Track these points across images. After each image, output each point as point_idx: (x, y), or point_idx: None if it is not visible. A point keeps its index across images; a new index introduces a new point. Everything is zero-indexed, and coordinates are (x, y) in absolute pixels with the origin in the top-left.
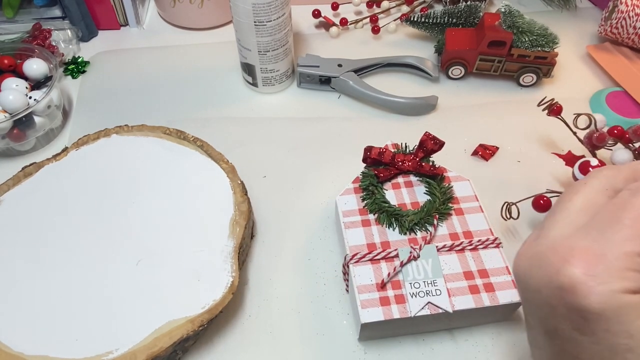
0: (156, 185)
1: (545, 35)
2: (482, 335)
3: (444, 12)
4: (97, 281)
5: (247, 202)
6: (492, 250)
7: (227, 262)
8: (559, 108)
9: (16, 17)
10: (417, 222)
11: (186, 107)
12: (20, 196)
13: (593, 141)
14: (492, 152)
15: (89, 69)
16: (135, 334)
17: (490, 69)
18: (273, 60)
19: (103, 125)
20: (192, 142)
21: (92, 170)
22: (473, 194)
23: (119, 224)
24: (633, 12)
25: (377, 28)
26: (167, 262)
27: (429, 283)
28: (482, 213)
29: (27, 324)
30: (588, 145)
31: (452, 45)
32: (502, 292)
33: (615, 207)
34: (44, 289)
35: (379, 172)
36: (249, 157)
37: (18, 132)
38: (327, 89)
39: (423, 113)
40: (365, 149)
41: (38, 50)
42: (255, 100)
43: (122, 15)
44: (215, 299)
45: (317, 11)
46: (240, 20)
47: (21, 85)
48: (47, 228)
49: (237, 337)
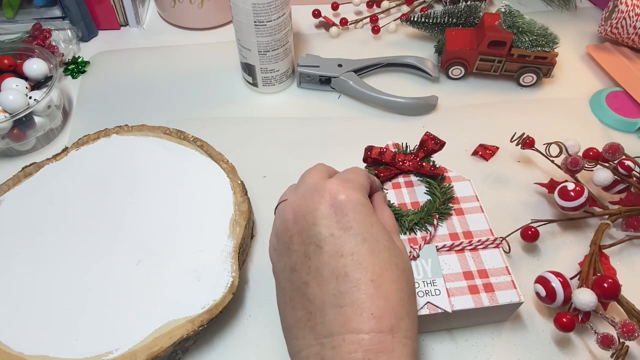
0: (156, 185)
1: (545, 35)
2: (481, 335)
3: (444, 12)
4: (97, 281)
5: (247, 202)
6: (492, 250)
7: (227, 262)
8: (532, 141)
9: (16, 17)
10: (417, 222)
11: (186, 107)
12: (20, 196)
13: (568, 166)
14: (492, 152)
15: (89, 69)
16: (135, 334)
17: (490, 69)
18: (273, 60)
19: (103, 125)
20: (192, 142)
21: (92, 170)
22: (474, 194)
23: (118, 223)
24: (633, 12)
25: (377, 28)
26: (167, 262)
27: (428, 283)
28: (483, 213)
29: (27, 324)
30: (565, 170)
31: (452, 45)
32: (502, 292)
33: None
34: (43, 289)
35: (379, 171)
36: (249, 157)
37: (18, 132)
38: (327, 89)
39: (423, 113)
40: (365, 149)
41: (38, 50)
42: (255, 100)
43: (122, 15)
44: (215, 299)
45: (317, 11)
46: (240, 20)
47: (21, 85)
48: (47, 228)
49: (237, 337)
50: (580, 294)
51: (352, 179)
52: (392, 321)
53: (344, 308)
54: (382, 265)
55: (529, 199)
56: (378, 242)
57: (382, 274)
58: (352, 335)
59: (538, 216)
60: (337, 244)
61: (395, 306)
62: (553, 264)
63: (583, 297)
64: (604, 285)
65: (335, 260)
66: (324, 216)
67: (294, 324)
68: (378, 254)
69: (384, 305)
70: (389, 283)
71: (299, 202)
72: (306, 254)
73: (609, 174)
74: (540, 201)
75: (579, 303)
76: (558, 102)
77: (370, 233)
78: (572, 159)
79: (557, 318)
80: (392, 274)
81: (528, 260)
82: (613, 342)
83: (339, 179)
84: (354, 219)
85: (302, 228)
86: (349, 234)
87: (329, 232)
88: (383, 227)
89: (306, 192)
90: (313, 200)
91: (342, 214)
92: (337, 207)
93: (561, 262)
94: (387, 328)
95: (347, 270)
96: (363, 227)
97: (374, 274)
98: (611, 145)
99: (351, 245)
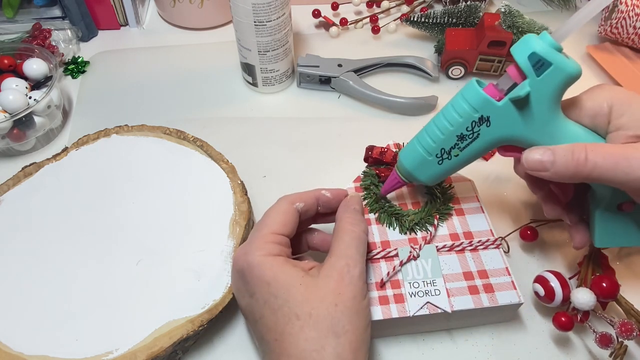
0: (156, 185)
1: None
2: (481, 335)
3: (444, 12)
4: (97, 281)
5: (247, 202)
6: (492, 251)
7: (227, 262)
8: None
9: (16, 17)
10: (417, 222)
11: (186, 107)
12: (20, 196)
13: None
14: (492, 152)
15: (89, 69)
16: (135, 334)
17: (490, 69)
18: (273, 60)
19: (103, 125)
20: (192, 142)
21: (92, 171)
22: (474, 194)
23: (118, 223)
24: (633, 12)
25: (377, 28)
26: (167, 262)
27: (428, 283)
28: (483, 214)
29: (27, 324)
30: None
31: (452, 45)
32: (502, 293)
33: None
34: (44, 289)
35: (380, 171)
36: (249, 157)
37: (18, 132)
38: (327, 89)
39: (423, 113)
40: (366, 149)
41: (38, 50)
42: (255, 100)
43: (122, 15)
44: (215, 299)
45: (317, 11)
46: (240, 20)
47: (21, 85)
48: (47, 228)
49: (237, 337)
50: (578, 293)
51: (255, 237)
52: None
53: None
54: (283, 321)
55: (528, 198)
56: (277, 299)
57: (283, 331)
58: None
59: (538, 215)
60: (252, 311)
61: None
62: (552, 264)
63: (582, 296)
64: (603, 285)
65: (254, 325)
66: (238, 289)
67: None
68: (277, 311)
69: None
70: (291, 337)
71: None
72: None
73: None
74: None
75: (577, 302)
76: None
77: (269, 292)
78: None
79: (556, 317)
80: (293, 327)
81: (527, 259)
82: (611, 341)
83: (243, 246)
84: (254, 284)
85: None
86: (255, 299)
87: (245, 302)
88: (285, 278)
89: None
90: (232, 274)
91: (245, 281)
92: (242, 277)
93: (560, 262)
94: None
95: (262, 334)
96: (261, 288)
97: (276, 332)
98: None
99: (258, 309)
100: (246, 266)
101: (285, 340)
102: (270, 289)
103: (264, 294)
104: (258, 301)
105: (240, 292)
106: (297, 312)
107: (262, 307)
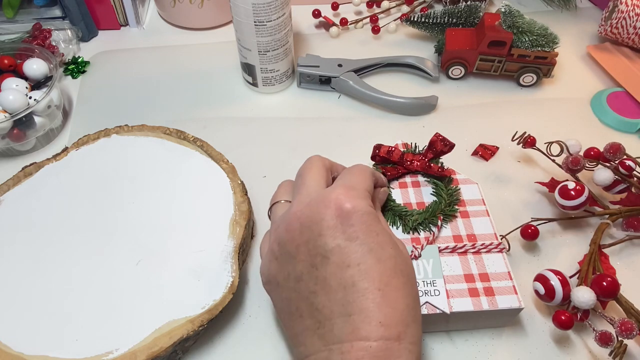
0: (156, 185)
1: (546, 35)
2: (482, 336)
3: (444, 12)
4: (97, 281)
5: (247, 202)
6: (495, 254)
7: (227, 262)
8: (533, 140)
9: (16, 17)
10: (421, 222)
11: (186, 107)
12: (20, 196)
13: (569, 165)
14: (492, 152)
15: (89, 69)
16: (135, 334)
17: (491, 69)
18: (273, 60)
19: (103, 125)
20: (192, 142)
21: (92, 170)
22: (480, 197)
23: (118, 223)
24: (633, 12)
25: (377, 28)
26: (167, 262)
27: (428, 283)
28: (488, 217)
29: (27, 324)
30: (566, 170)
31: (452, 45)
32: (502, 297)
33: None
34: (44, 289)
35: (386, 170)
36: (249, 157)
37: (18, 132)
38: (327, 89)
39: (423, 113)
40: (374, 147)
41: (38, 50)
42: (255, 100)
43: (122, 15)
44: (215, 299)
45: (317, 11)
46: (240, 20)
47: (21, 85)
48: (47, 228)
49: (237, 337)
50: (579, 292)
51: (357, 185)
52: (399, 328)
53: (353, 317)
54: (388, 273)
55: (529, 198)
56: (384, 251)
57: (389, 282)
58: (360, 343)
59: (538, 215)
60: (344, 254)
61: (402, 313)
62: (553, 263)
63: (582, 295)
64: (603, 284)
65: (342, 270)
66: (330, 227)
67: (302, 332)
68: (384, 262)
69: (391, 313)
70: (396, 291)
71: (304, 212)
72: (313, 264)
73: (610, 174)
74: (540, 200)
75: (577, 301)
76: (558, 102)
77: (377, 242)
78: (573, 158)
79: (556, 316)
80: (399, 281)
81: (528, 258)
82: (611, 340)
83: (344, 187)
84: (360, 229)
85: (308, 239)
86: (355, 244)
87: (336, 243)
88: (388, 234)
89: (311, 201)
90: (319, 211)
91: (348, 224)
92: (343, 218)
93: (561, 261)
94: (395, 335)
95: (354, 280)
96: (369, 236)
97: (381, 282)
98: (612, 145)
99: (358, 255)
100: (356, 210)
101: (390, 293)
102: (379, 239)
103: (370, 242)
104: (361, 246)
105: (330, 230)
106: (402, 269)
107: (365, 253)
